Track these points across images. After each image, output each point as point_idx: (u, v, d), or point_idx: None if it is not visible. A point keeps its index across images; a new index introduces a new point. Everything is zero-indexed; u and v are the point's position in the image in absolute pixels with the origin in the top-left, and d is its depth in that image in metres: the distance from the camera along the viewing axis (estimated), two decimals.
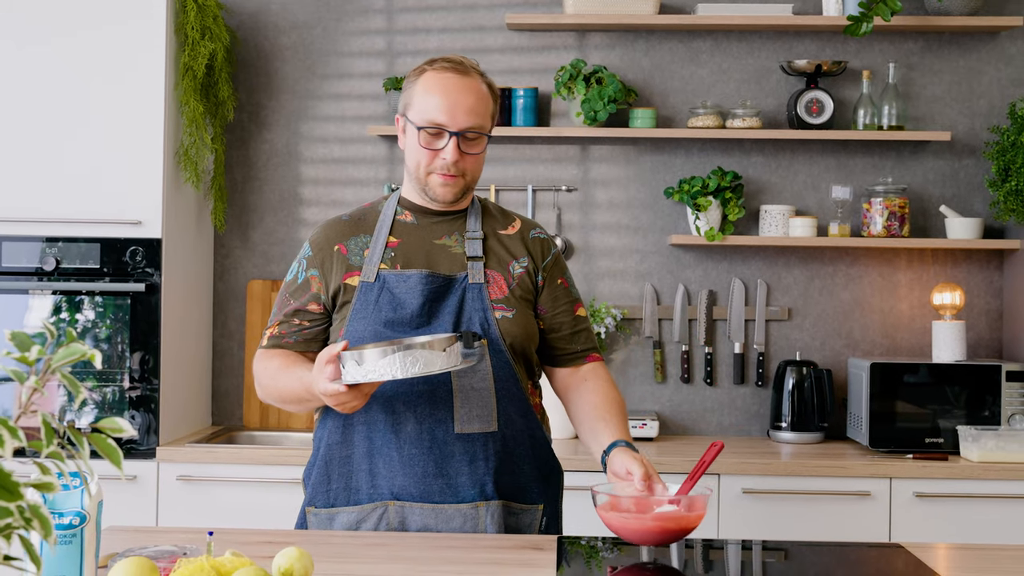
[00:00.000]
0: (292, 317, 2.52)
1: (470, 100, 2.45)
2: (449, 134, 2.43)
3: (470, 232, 2.53)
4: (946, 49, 4.32)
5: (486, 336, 2.44)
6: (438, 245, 2.51)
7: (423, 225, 2.53)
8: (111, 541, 2.21)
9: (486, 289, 2.47)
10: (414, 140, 2.47)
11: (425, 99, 2.45)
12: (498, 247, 2.54)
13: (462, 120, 2.43)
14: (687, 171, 4.31)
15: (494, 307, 2.46)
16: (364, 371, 2.18)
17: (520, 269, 2.53)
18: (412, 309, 2.43)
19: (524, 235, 2.58)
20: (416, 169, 2.48)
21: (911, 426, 3.90)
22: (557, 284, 2.58)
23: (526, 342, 2.51)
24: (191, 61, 3.93)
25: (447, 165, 2.44)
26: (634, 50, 4.34)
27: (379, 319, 2.43)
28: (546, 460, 2.55)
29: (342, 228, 2.55)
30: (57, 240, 3.83)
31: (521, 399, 2.48)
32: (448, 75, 2.46)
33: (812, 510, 3.70)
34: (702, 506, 2.22)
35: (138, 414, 3.81)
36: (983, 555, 2.38)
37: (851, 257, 4.32)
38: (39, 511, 1.27)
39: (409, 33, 4.37)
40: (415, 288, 2.44)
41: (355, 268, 2.49)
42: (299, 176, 4.39)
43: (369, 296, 2.45)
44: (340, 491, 2.47)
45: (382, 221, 2.54)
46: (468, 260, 2.49)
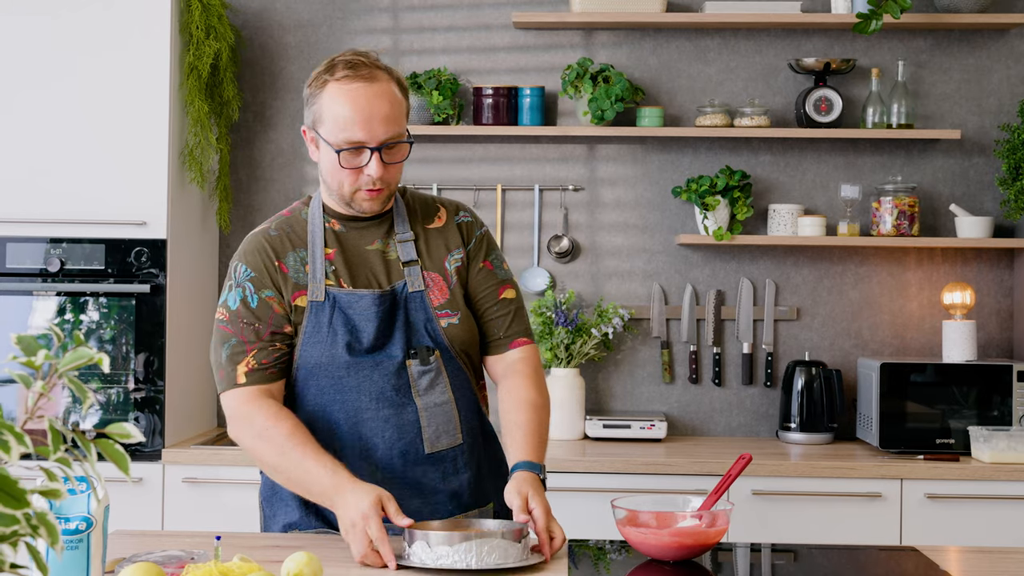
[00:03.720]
0: (271, 342, 2.33)
1: (384, 108, 2.29)
2: (370, 150, 2.28)
3: (400, 235, 2.41)
4: (955, 47, 4.29)
5: (437, 347, 2.36)
6: (372, 251, 2.39)
7: (352, 232, 2.40)
8: (118, 546, 2.18)
9: (427, 296, 2.37)
10: (332, 160, 2.31)
11: (337, 116, 2.28)
12: (431, 244, 2.43)
13: (380, 132, 2.28)
14: (695, 170, 4.29)
15: (439, 315, 2.37)
16: (435, 555, 2.03)
17: (456, 263, 2.42)
18: (369, 334, 2.32)
19: (452, 223, 2.46)
20: (339, 188, 2.33)
21: (922, 427, 3.88)
22: (480, 267, 2.46)
23: (472, 343, 2.43)
24: (196, 60, 3.91)
25: (372, 180, 2.31)
26: (641, 49, 4.32)
27: (337, 344, 2.31)
28: (495, 453, 2.50)
29: (275, 244, 2.38)
30: (61, 241, 3.81)
31: (475, 402, 2.44)
32: (355, 86, 2.28)
33: (822, 511, 3.68)
34: (724, 521, 2.20)
35: (143, 416, 3.79)
36: (998, 558, 2.35)
37: (860, 256, 4.30)
38: (46, 518, 1.25)
39: (415, 32, 4.35)
40: (368, 310, 2.32)
41: (300, 287, 2.34)
42: (304, 176, 4.37)
43: (321, 317, 2.33)
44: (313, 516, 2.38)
45: (313, 233, 2.38)
46: (404, 266, 2.38)
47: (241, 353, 2.32)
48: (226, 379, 2.33)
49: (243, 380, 2.31)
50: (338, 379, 2.33)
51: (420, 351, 2.34)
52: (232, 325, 2.33)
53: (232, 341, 2.33)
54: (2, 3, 3.83)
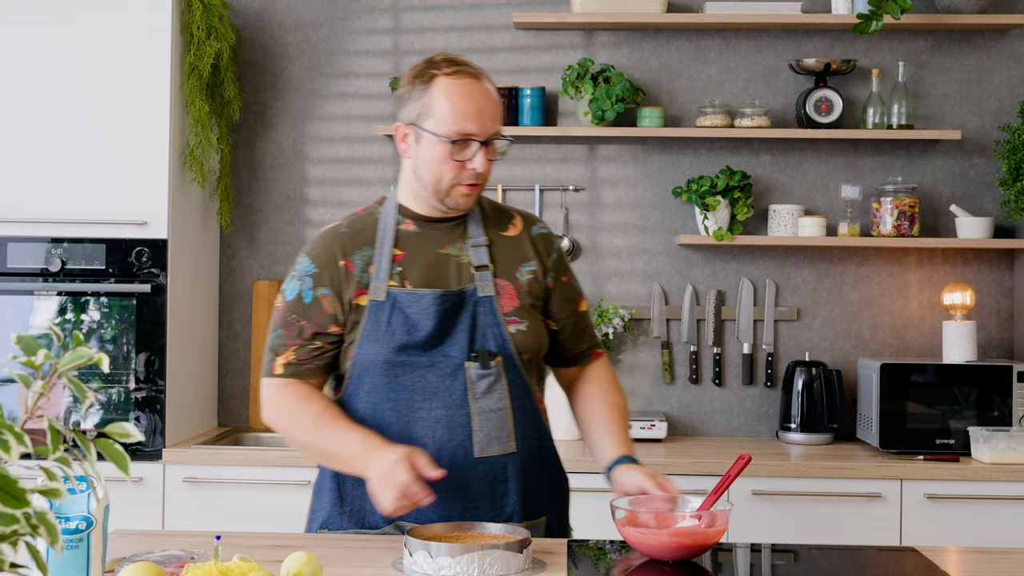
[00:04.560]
0: (312, 341, 2.37)
1: (491, 105, 2.36)
2: (479, 143, 2.34)
3: (473, 239, 2.43)
4: (956, 47, 4.29)
5: (501, 353, 2.37)
6: (443, 255, 2.41)
7: (426, 234, 2.42)
8: (118, 545, 2.19)
9: (497, 302, 2.39)
10: (437, 152, 2.34)
11: (449, 108, 2.32)
12: (503, 253, 2.44)
13: (489, 126, 2.34)
14: (695, 170, 4.29)
15: (507, 321, 2.38)
16: (436, 566, 2.02)
17: (528, 275, 2.44)
18: (426, 331, 2.34)
19: (528, 234, 2.49)
20: (437, 183, 2.35)
21: (922, 427, 3.88)
22: (564, 283, 2.52)
23: (538, 353, 2.46)
24: (197, 61, 3.92)
25: (474, 175, 2.35)
26: (642, 49, 4.32)
27: (391, 343, 2.33)
28: (555, 470, 2.52)
29: (343, 241, 2.40)
30: (62, 241, 3.82)
31: (534, 413, 2.44)
32: (466, 80, 2.34)
33: (822, 512, 3.68)
34: (723, 521, 2.20)
35: (144, 415, 3.79)
36: (997, 558, 2.35)
37: (860, 257, 4.30)
38: (45, 518, 1.25)
39: (415, 32, 4.35)
40: (428, 309, 2.34)
41: (363, 286, 2.36)
42: (305, 176, 4.37)
43: (380, 317, 2.35)
44: (354, 514, 2.40)
45: (383, 232, 2.41)
46: (475, 270, 2.40)
47: (283, 346, 2.39)
48: (266, 366, 2.42)
49: (280, 371, 2.39)
50: (393, 377, 2.35)
51: (481, 355, 2.35)
52: (282, 316, 2.40)
53: (279, 332, 2.40)
54: (3, 4, 3.83)
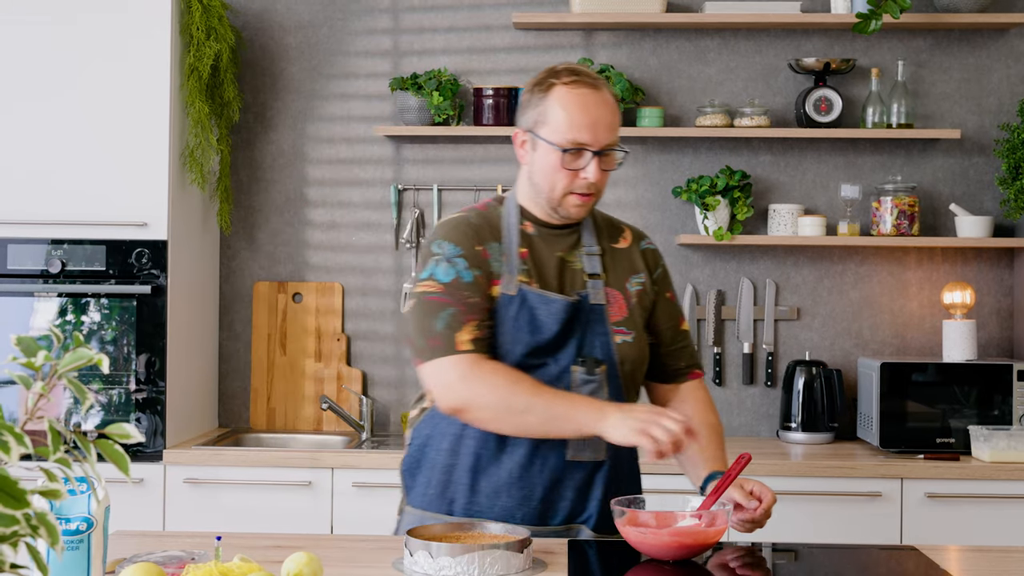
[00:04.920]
0: (488, 317, 2.35)
1: (608, 116, 2.36)
2: (592, 153, 2.34)
3: (587, 247, 2.45)
4: (955, 46, 4.29)
5: (606, 362, 2.37)
6: (562, 260, 2.43)
7: (542, 237, 2.44)
8: (118, 546, 2.19)
9: (607, 311, 2.40)
10: (551, 161, 2.36)
11: (564, 117, 2.35)
12: (614, 263, 2.47)
13: (604, 137, 2.35)
14: (695, 170, 4.29)
15: (615, 331, 2.40)
16: (437, 566, 2.02)
17: (637, 287, 2.47)
18: (550, 335, 2.35)
19: (637, 247, 2.52)
20: (551, 191, 2.38)
21: (922, 426, 3.88)
22: (666, 299, 2.54)
23: (640, 366, 2.46)
24: (196, 62, 3.92)
25: (587, 185, 2.36)
26: (641, 49, 4.32)
27: (519, 340, 2.34)
28: (638, 490, 2.51)
29: (478, 230, 2.41)
30: (62, 242, 3.82)
31: None
32: (583, 91, 2.36)
33: (822, 511, 3.68)
34: (723, 521, 2.20)
35: (144, 416, 3.80)
36: (998, 557, 2.35)
37: (860, 256, 4.30)
38: (46, 518, 1.25)
39: (415, 33, 4.35)
40: (557, 315, 2.35)
41: (496, 277, 2.37)
42: (305, 177, 4.37)
43: (508, 311, 2.35)
44: (435, 497, 2.41)
45: (508, 229, 2.42)
46: (588, 278, 2.42)
47: (461, 322, 2.31)
48: (444, 346, 2.31)
49: (468, 347, 2.30)
50: None
51: (588, 361, 2.35)
52: (449, 296, 2.33)
53: (451, 311, 2.32)
54: (3, 6, 3.83)
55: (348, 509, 3.75)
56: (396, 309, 4.34)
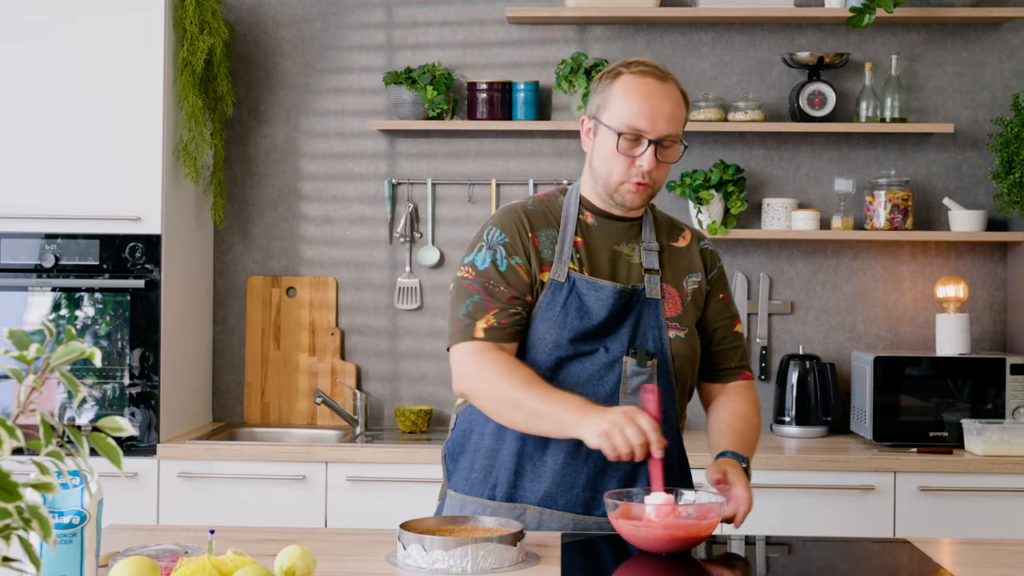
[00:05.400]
0: (512, 305, 2.37)
1: (670, 107, 2.38)
2: (648, 141, 2.35)
3: (646, 242, 2.46)
4: (949, 41, 4.30)
5: (658, 356, 2.38)
6: (617, 252, 2.45)
7: (603, 229, 2.46)
8: (112, 540, 2.19)
9: (662, 305, 2.41)
10: (608, 146, 2.39)
11: (624, 104, 2.37)
12: (672, 260, 2.48)
13: (662, 127, 2.36)
14: (689, 164, 4.29)
15: (668, 325, 2.41)
16: (430, 559, 2.03)
17: (693, 285, 2.48)
18: (599, 321, 2.36)
19: (696, 246, 2.53)
20: (607, 177, 2.40)
21: (915, 420, 3.89)
22: (719, 298, 2.54)
23: (691, 363, 2.47)
24: (190, 56, 3.91)
25: (642, 173, 2.37)
26: (635, 43, 4.32)
27: (566, 326, 2.36)
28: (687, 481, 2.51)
29: (531, 216, 2.44)
30: (56, 237, 3.82)
31: (675, 426, 2.44)
32: (648, 80, 2.39)
33: (816, 504, 3.69)
34: (716, 514, 2.20)
35: (138, 411, 3.79)
36: (989, 550, 2.36)
37: (854, 250, 4.30)
38: (38, 511, 1.26)
39: (409, 27, 4.35)
40: (606, 301, 2.37)
41: (547, 263, 2.40)
42: (299, 171, 4.37)
43: (558, 297, 2.38)
44: (478, 481, 2.42)
45: (566, 217, 2.45)
46: (645, 272, 2.43)
47: (483, 310, 2.37)
48: (463, 332, 2.38)
49: (481, 335, 2.36)
50: (555, 358, 2.37)
51: (640, 352, 2.36)
52: (478, 284, 2.39)
53: (476, 298, 2.38)
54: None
55: (342, 503, 3.75)
56: (390, 303, 4.34)
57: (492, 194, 4.29)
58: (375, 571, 2.07)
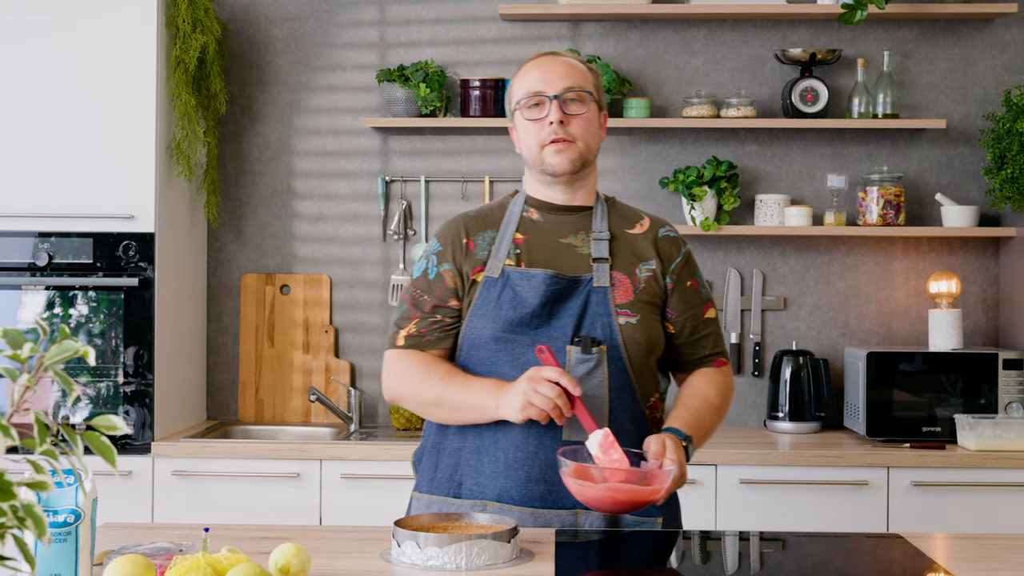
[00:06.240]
0: (432, 314, 2.46)
1: (563, 67, 2.47)
2: (549, 99, 2.44)
3: (596, 232, 2.48)
4: (941, 36, 4.30)
5: (607, 342, 2.39)
6: (564, 244, 2.47)
7: (549, 223, 2.49)
8: (106, 538, 2.19)
9: (611, 293, 2.42)
10: (520, 123, 2.49)
11: (520, 81, 2.49)
12: (625, 248, 2.48)
13: (558, 82, 2.44)
14: (682, 161, 4.30)
15: (618, 312, 2.41)
16: (424, 556, 2.04)
17: (647, 272, 2.47)
18: (532, 308, 2.39)
19: (653, 234, 2.53)
20: (530, 150, 2.48)
21: (908, 415, 3.90)
22: (687, 286, 2.53)
23: (648, 349, 2.45)
24: (183, 54, 3.91)
25: (554, 129, 2.43)
26: (628, 40, 4.32)
27: (499, 318, 2.39)
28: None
29: (470, 223, 2.51)
30: (49, 235, 3.81)
31: (636, 411, 2.44)
32: (540, 57, 2.52)
33: (810, 500, 3.69)
34: (660, 481, 2.23)
35: (132, 409, 3.79)
36: (982, 544, 2.37)
37: (847, 246, 4.31)
38: (33, 510, 1.26)
39: (402, 24, 4.35)
40: (538, 288, 2.39)
41: (481, 263, 2.45)
42: (292, 169, 4.37)
43: (492, 292, 2.42)
44: (444, 481, 2.45)
45: (508, 217, 2.50)
46: (593, 262, 2.44)
47: (406, 319, 2.49)
48: (389, 340, 2.52)
49: (401, 343, 2.48)
50: (494, 352, 2.41)
51: (584, 340, 2.38)
52: (408, 292, 2.51)
53: (404, 308, 2.51)
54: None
55: (336, 500, 3.75)
56: (384, 301, 4.34)
57: (485, 191, 4.30)
58: (370, 568, 2.07)
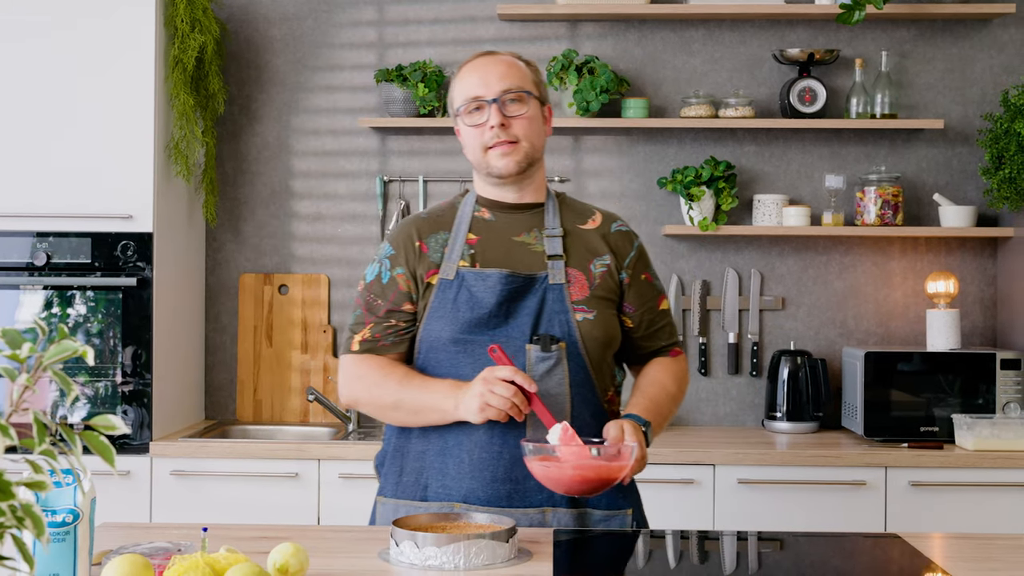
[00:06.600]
0: (387, 319, 2.47)
1: (500, 67, 2.47)
2: (488, 102, 2.44)
3: (549, 229, 2.49)
4: (938, 37, 4.31)
5: (565, 339, 2.40)
6: (517, 243, 2.47)
7: (501, 222, 2.50)
8: (105, 538, 2.19)
9: (567, 290, 2.43)
10: (463, 129, 2.48)
11: (459, 86, 2.49)
12: (579, 244, 2.49)
13: (496, 85, 2.44)
14: (680, 161, 4.30)
15: (575, 308, 2.43)
16: (423, 556, 2.04)
17: (602, 268, 2.49)
18: (489, 308, 2.39)
19: (606, 230, 2.54)
20: (475, 154, 2.48)
21: (906, 415, 3.90)
22: (642, 280, 2.55)
23: (606, 345, 2.47)
24: (181, 54, 3.91)
25: (496, 132, 2.43)
26: (626, 40, 4.33)
27: (457, 319, 2.39)
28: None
29: (421, 225, 2.51)
30: (48, 235, 3.81)
31: (597, 406, 2.45)
32: (476, 59, 2.51)
33: (807, 500, 3.70)
34: (626, 456, 2.25)
35: (131, 409, 3.79)
36: (979, 544, 2.37)
37: (845, 246, 4.31)
38: (31, 510, 1.26)
39: (400, 24, 4.35)
40: (494, 288, 2.39)
41: (435, 266, 2.45)
42: (290, 169, 4.37)
43: (447, 294, 2.42)
44: (410, 484, 2.45)
45: (460, 218, 2.50)
46: (548, 259, 2.45)
47: (361, 324, 2.49)
48: (344, 345, 2.52)
49: (356, 348, 2.48)
50: (454, 354, 2.41)
51: (543, 338, 2.39)
52: (361, 297, 2.52)
53: (357, 312, 2.51)
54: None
55: (334, 500, 3.75)
56: None
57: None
58: (368, 568, 2.07)
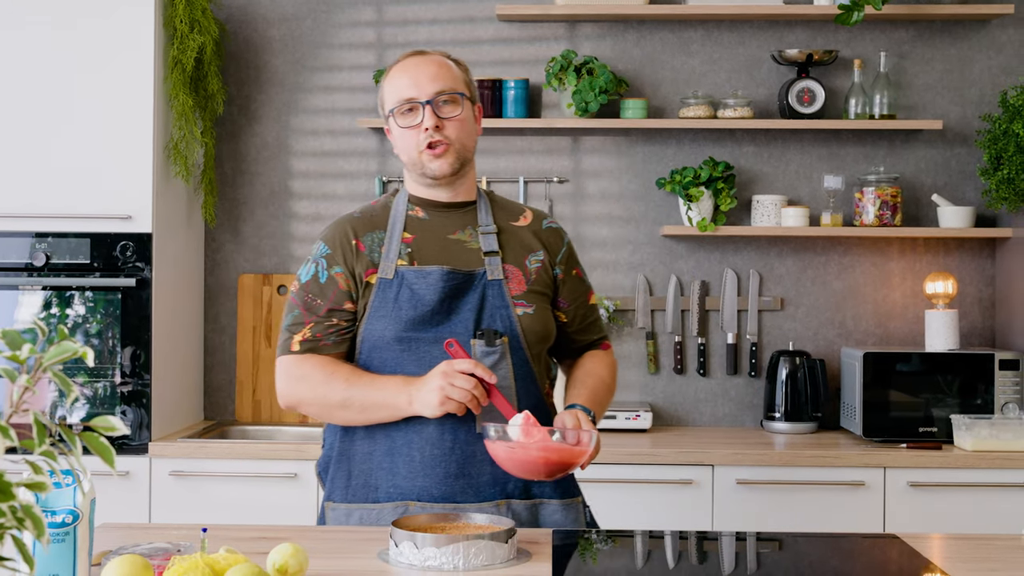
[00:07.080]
0: (328, 318, 2.45)
1: (432, 68, 2.47)
2: (422, 104, 2.44)
3: (483, 226, 2.51)
4: (937, 37, 4.31)
5: (508, 334, 2.42)
6: (453, 240, 2.48)
7: (435, 220, 2.51)
8: (104, 539, 2.19)
9: (506, 285, 2.45)
10: (396, 130, 2.48)
11: (390, 86, 2.48)
12: (513, 241, 2.52)
13: (428, 86, 2.44)
14: (679, 161, 4.30)
15: (515, 303, 2.45)
16: (422, 556, 2.05)
17: (536, 263, 2.51)
18: (431, 305, 2.40)
19: (537, 227, 2.57)
20: (408, 155, 2.48)
21: (905, 415, 3.90)
22: (573, 275, 2.59)
23: (544, 338, 2.50)
24: (180, 54, 3.91)
25: (430, 134, 2.43)
26: (625, 40, 4.33)
27: (399, 318, 2.40)
28: None
29: (356, 224, 2.50)
30: (47, 235, 3.81)
31: (539, 399, 2.48)
32: (407, 60, 2.50)
33: (806, 500, 3.70)
34: (586, 443, 2.28)
35: (130, 409, 3.79)
36: (978, 545, 2.37)
37: (844, 247, 4.32)
38: (31, 511, 1.26)
39: (399, 25, 4.35)
40: (435, 285, 2.40)
41: (373, 265, 2.45)
42: (289, 169, 4.37)
43: (388, 293, 2.42)
44: (359, 488, 2.45)
45: (395, 216, 2.50)
46: (485, 255, 2.46)
47: (300, 324, 2.46)
48: (282, 345, 2.48)
49: (296, 348, 2.45)
50: (398, 352, 2.41)
51: (487, 333, 2.40)
52: (298, 297, 2.48)
53: (295, 312, 2.47)
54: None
55: None
56: None
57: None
58: (367, 569, 2.07)
